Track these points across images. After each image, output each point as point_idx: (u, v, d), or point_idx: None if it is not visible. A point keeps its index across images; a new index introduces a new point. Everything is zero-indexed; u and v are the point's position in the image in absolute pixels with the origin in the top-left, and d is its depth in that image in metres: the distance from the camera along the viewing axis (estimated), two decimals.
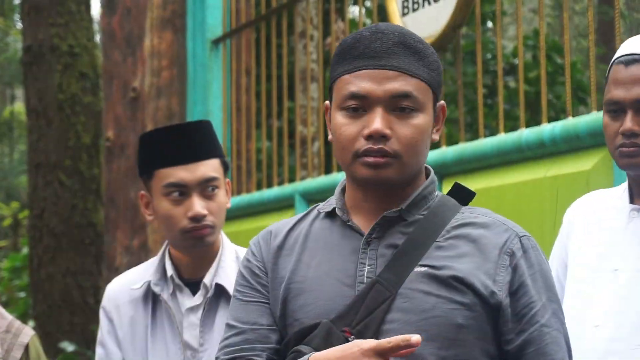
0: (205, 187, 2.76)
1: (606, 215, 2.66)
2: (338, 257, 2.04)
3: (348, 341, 1.94)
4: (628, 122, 2.51)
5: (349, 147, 2.00)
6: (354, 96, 2.00)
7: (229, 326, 2.11)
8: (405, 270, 1.98)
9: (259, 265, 2.12)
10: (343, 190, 2.12)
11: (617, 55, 2.60)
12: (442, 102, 2.09)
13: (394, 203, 2.05)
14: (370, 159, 1.98)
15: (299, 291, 2.05)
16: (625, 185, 2.67)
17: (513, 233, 2.04)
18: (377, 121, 1.97)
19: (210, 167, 2.77)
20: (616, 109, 2.55)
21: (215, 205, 2.78)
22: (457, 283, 1.97)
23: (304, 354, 1.96)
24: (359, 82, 1.99)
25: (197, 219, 2.74)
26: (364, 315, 1.97)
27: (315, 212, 2.14)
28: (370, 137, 1.98)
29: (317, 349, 1.96)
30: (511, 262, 2.01)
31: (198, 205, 2.74)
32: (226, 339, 2.09)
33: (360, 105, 2.00)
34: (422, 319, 1.95)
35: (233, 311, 2.12)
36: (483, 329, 1.98)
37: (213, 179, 2.77)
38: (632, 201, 2.62)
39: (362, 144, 1.99)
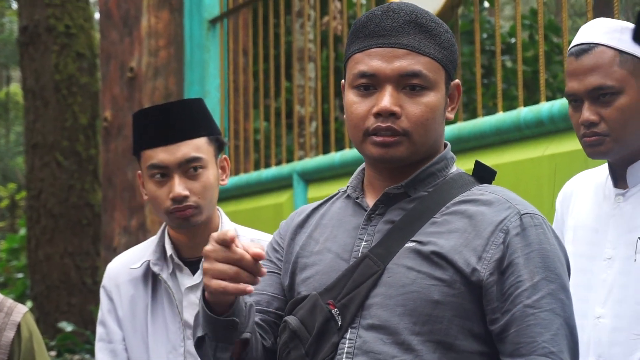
0: (187, 168, 2.74)
1: (594, 201, 2.68)
2: (343, 233, 2.07)
3: (331, 314, 1.97)
4: (585, 113, 2.54)
5: (359, 126, 2.02)
6: (363, 75, 2.01)
7: None
8: (397, 246, 1.98)
9: (279, 241, 2.18)
10: (363, 168, 2.14)
11: (570, 46, 2.63)
12: (457, 81, 2.08)
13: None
14: (379, 138, 1.99)
15: (304, 265, 2.09)
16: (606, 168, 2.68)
17: (514, 211, 1.98)
18: (385, 99, 1.98)
19: (192, 147, 2.74)
20: (575, 100, 2.58)
21: (199, 186, 2.75)
22: (438, 259, 1.94)
23: (290, 324, 2.01)
24: (369, 61, 2.00)
25: (178, 200, 2.73)
26: (350, 289, 1.98)
27: (340, 192, 2.18)
28: (379, 115, 1.99)
29: (303, 321, 2.00)
30: (505, 239, 1.95)
31: (179, 186, 2.72)
32: None
33: (370, 84, 2.01)
34: (401, 293, 1.94)
35: None
36: (464, 307, 1.94)
37: (195, 159, 2.74)
38: (615, 184, 2.63)
39: (371, 122, 2.00)
